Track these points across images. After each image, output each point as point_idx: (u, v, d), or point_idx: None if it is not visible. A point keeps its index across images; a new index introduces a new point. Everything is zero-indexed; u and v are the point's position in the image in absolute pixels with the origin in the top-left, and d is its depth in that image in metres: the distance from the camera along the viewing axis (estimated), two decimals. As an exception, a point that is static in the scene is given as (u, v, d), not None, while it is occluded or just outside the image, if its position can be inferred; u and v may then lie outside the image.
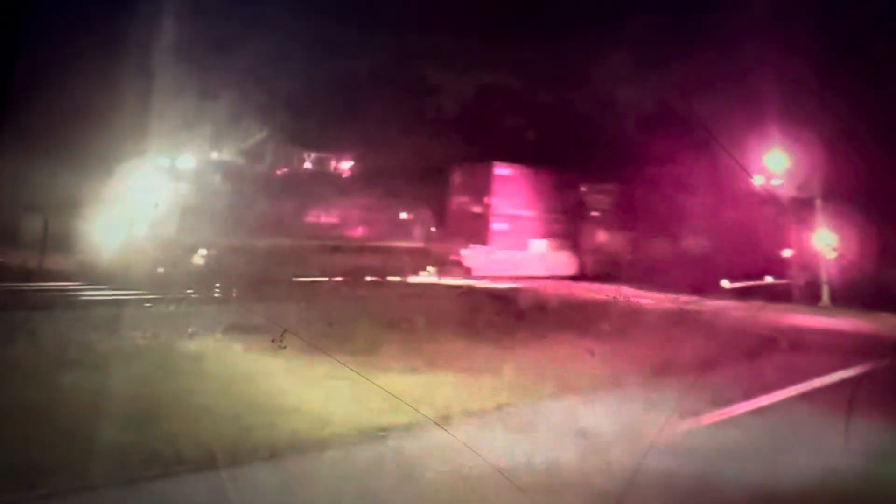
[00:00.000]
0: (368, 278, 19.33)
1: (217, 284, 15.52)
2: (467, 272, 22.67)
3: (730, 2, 26.31)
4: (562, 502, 5.13)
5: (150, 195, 16.26)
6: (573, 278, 25.36)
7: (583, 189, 27.93)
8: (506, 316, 14.71)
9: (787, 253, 22.78)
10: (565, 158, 27.20)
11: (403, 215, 22.25)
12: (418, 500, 5.16)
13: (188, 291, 14.43)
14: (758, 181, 21.16)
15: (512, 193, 25.56)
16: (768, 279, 22.80)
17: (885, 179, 20.57)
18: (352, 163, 22.17)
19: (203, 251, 16.41)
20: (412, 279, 20.65)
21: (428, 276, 21.23)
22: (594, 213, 27.77)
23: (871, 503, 5.47)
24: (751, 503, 5.24)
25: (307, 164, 21.07)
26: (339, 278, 18.25)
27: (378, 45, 25.81)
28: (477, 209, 25.29)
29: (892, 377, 10.32)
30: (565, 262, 26.63)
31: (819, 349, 12.92)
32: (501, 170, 25.53)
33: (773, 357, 11.96)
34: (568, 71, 32.17)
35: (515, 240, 25.57)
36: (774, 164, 21.69)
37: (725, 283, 22.32)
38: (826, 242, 21.35)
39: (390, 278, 20.02)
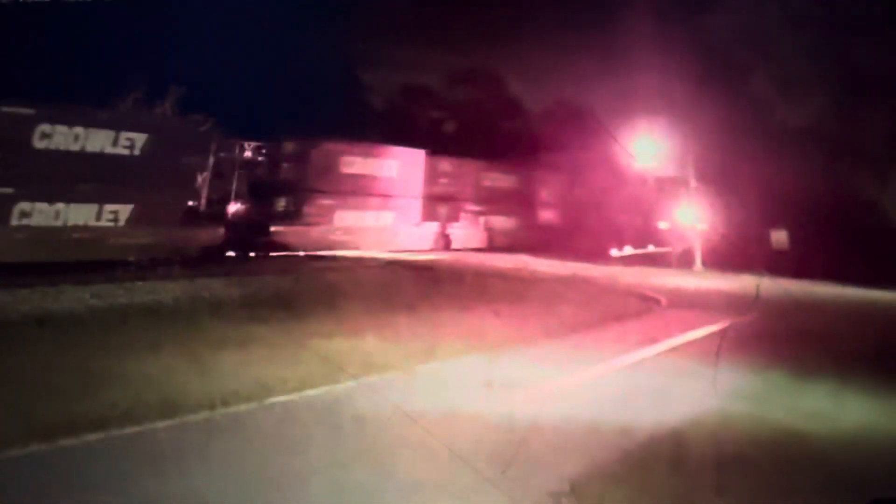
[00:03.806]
0: None
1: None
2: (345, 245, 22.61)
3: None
4: (469, 445, 5.32)
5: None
6: (481, 250, 26.30)
7: (483, 172, 28.64)
8: (423, 286, 15.18)
9: (665, 226, 24.78)
10: (470, 146, 28.22)
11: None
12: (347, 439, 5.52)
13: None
14: (640, 163, 23.06)
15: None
16: (651, 248, 24.96)
17: (746, 163, 22.64)
18: None
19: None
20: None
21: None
22: (498, 193, 28.68)
23: (734, 436, 5.92)
24: (633, 441, 5.59)
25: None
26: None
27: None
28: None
29: (751, 329, 11.27)
30: (470, 235, 27.46)
31: (692, 306, 13.78)
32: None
33: (654, 314, 12.90)
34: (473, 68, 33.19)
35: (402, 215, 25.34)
36: (654, 149, 23.15)
37: (614, 252, 24.38)
38: (699, 216, 23.27)
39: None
